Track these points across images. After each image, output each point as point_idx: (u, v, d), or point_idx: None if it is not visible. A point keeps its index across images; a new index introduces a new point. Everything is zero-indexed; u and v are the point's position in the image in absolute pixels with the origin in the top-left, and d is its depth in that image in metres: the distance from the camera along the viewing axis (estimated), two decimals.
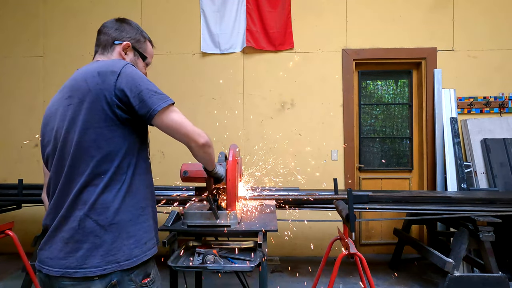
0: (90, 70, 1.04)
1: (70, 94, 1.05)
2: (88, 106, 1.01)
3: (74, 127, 1.01)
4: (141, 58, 1.25)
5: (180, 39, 3.94)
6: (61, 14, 4.01)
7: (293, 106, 3.91)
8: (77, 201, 1.00)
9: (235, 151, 1.69)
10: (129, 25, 1.24)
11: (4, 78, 4.03)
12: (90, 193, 1.00)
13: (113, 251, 0.99)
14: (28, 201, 2.84)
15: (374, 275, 3.25)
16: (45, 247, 1.04)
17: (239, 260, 1.65)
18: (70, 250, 0.98)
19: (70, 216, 1.00)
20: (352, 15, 3.88)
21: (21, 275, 2.88)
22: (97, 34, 1.23)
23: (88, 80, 1.02)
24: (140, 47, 1.25)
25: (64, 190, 1.03)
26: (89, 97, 1.00)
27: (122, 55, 1.20)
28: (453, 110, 3.73)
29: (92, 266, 0.97)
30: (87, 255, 0.97)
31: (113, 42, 1.19)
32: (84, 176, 1.00)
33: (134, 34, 1.23)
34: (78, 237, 0.98)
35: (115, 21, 1.23)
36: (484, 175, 3.56)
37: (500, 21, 3.82)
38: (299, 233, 3.86)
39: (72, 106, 1.03)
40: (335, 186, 2.58)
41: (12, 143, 4.00)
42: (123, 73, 1.02)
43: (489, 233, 2.56)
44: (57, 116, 1.08)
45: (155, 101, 1.02)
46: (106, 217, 1.00)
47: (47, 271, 1.00)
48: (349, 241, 1.99)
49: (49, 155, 1.11)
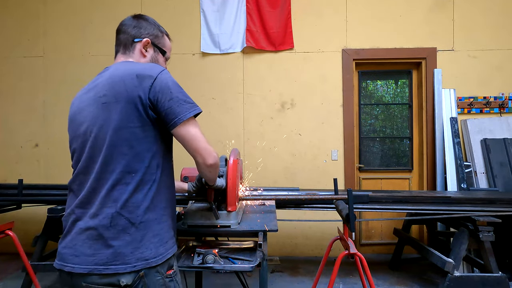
0: (128, 72, 1.07)
1: (106, 93, 1.06)
2: (123, 106, 1.03)
3: (108, 126, 1.03)
4: (161, 53, 1.27)
5: (180, 39, 3.94)
6: (61, 14, 4.01)
7: (293, 106, 3.91)
8: (108, 198, 1.02)
9: (236, 154, 1.70)
10: (146, 21, 1.25)
11: (4, 78, 4.03)
12: (121, 191, 1.02)
13: (141, 249, 1.02)
14: (28, 201, 2.83)
15: (374, 275, 3.25)
16: (70, 245, 1.03)
17: (239, 260, 1.65)
18: (100, 247, 0.99)
19: (100, 214, 1.01)
20: (352, 15, 3.89)
21: (21, 275, 2.88)
22: (116, 33, 1.24)
23: (126, 81, 1.05)
24: (159, 42, 1.27)
25: (94, 188, 1.04)
26: (126, 98, 1.03)
27: (143, 52, 1.22)
28: (453, 110, 3.73)
29: (123, 263, 0.99)
30: (118, 252, 0.99)
31: (133, 40, 1.21)
32: (116, 174, 1.03)
33: (152, 30, 1.25)
34: (109, 234, 1.00)
35: (132, 18, 1.24)
36: (484, 175, 3.56)
37: (500, 21, 3.82)
38: (299, 233, 3.86)
39: (107, 105, 1.05)
40: (335, 186, 2.57)
41: (12, 143, 4.00)
42: (159, 78, 1.06)
43: (489, 233, 2.56)
44: (87, 113, 1.09)
45: (182, 110, 1.06)
46: (137, 215, 1.03)
47: (71, 269, 1.00)
48: (349, 241, 1.99)
49: (75, 150, 1.12)
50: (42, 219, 2.79)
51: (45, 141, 3.99)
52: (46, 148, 3.98)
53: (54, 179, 3.94)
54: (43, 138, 3.99)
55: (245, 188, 2.31)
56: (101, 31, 3.92)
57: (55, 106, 3.98)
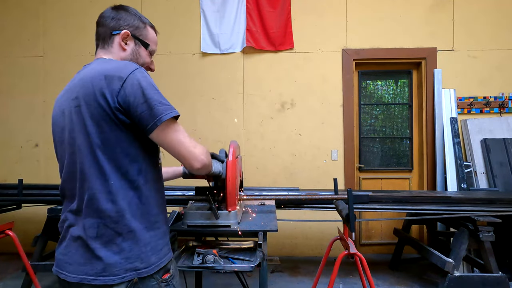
0: (97, 73, 0.99)
1: (77, 95, 1.00)
2: (93, 110, 0.97)
3: (81, 131, 0.98)
4: (143, 46, 1.17)
5: (180, 39, 3.94)
6: (61, 13, 4.01)
7: (293, 106, 3.91)
8: (91, 208, 0.98)
9: (235, 149, 1.68)
10: (126, 12, 1.15)
11: (4, 78, 4.03)
12: (102, 200, 0.97)
13: (131, 259, 0.98)
14: (28, 201, 2.83)
15: (374, 275, 3.25)
16: (64, 252, 1.01)
17: (239, 260, 1.65)
18: (90, 257, 0.96)
19: (86, 224, 0.98)
20: (352, 15, 3.89)
21: (21, 275, 2.88)
22: (96, 26, 1.15)
23: (94, 83, 0.97)
24: (140, 34, 1.16)
25: (80, 196, 1.00)
26: (94, 101, 0.96)
27: (122, 45, 1.12)
28: (453, 110, 3.73)
29: (112, 274, 0.95)
30: (106, 263, 0.95)
31: (111, 33, 1.12)
32: (94, 183, 0.97)
33: (132, 21, 1.14)
34: (96, 245, 0.96)
35: (111, 9, 1.15)
36: (484, 175, 3.56)
37: (500, 21, 3.82)
38: (299, 233, 3.86)
39: (78, 109, 0.99)
40: (335, 186, 2.57)
41: (12, 143, 4.00)
42: (130, 79, 0.97)
43: (489, 233, 2.56)
44: (65, 117, 1.05)
45: (158, 113, 0.97)
46: (123, 225, 0.98)
47: (65, 277, 0.98)
48: (349, 241, 1.99)
49: (60, 156, 1.09)
50: (42, 219, 2.79)
51: (45, 141, 3.98)
52: (46, 148, 3.98)
53: (54, 179, 3.93)
54: (43, 138, 3.99)
55: (244, 187, 2.31)
56: None
57: None
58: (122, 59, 1.12)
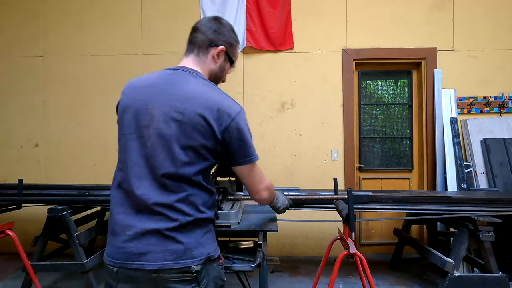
0: (209, 101, 1.07)
1: (182, 111, 1.06)
2: (197, 130, 1.05)
3: (176, 141, 1.05)
4: (230, 62, 1.27)
5: (180, 39, 3.94)
6: (61, 13, 4.01)
7: (293, 106, 3.91)
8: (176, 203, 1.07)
9: None
10: (225, 28, 1.24)
11: (4, 78, 4.03)
12: (187, 195, 1.07)
13: (203, 244, 1.09)
14: (28, 201, 2.83)
15: (374, 275, 3.25)
16: (132, 243, 1.04)
17: (239, 260, 1.65)
18: (170, 243, 1.03)
19: (167, 214, 1.05)
20: (352, 15, 3.88)
21: (21, 275, 2.88)
22: (192, 31, 1.24)
23: (206, 111, 1.06)
24: (231, 52, 1.26)
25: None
26: (201, 126, 1.05)
27: (215, 59, 1.21)
28: (453, 110, 3.73)
29: (191, 257, 1.05)
30: (185, 249, 1.04)
31: (209, 45, 1.20)
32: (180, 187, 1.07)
33: (229, 38, 1.24)
34: (178, 232, 1.04)
35: (212, 20, 1.23)
36: (484, 175, 3.56)
37: (500, 21, 3.82)
38: (299, 233, 3.86)
39: (179, 123, 1.05)
40: (335, 186, 2.57)
41: (12, 143, 4.00)
42: (236, 118, 1.09)
43: (489, 233, 2.56)
44: (156, 115, 1.07)
45: (249, 154, 1.15)
46: (200, 211, 1.09)
47: (141, 266, 1.02)
48: (349, 241, 1.99)
49: (133, 143, 1.11)
50: (42, 219, 2.79)
51: (45, 141, 3.99)
52: (46, 148, 3.98)
53: (54, 179, 3.94)
54: (43, 138, 3.99)
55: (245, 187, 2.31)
56: (101, 31, 3.92)
57: (55, 106, 3.98)
58: (211, 70, 1.22)
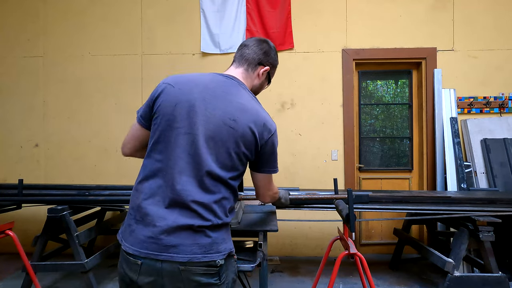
0: (258, 116, 1.20)
1: (235, 119, 1.16)
2: (244, 139, 1.17)
3: (225, 145, 1.15)
4: (268, 82, 1.41)
5: (180, 39, 3.94)
6: (61, 14, 4.01)
7: (293, 106, 3.91)
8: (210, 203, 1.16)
9: None
10: (273, 51, 1.37)
11: (4, 78, 4.03)
12: (218, 196, 1.17)
13: (226, 240, 1.18)
14: (28, 201, 2.83)
15: (374, 275, 3.25)
16: (162, 235, 1.10)
17: (239, 260, 1.65)
18: (199, 237, 1.11)
19: (200, 212, 1.13)
20: (352, 15, 3.89)
21: (21, 275, 2.88)
22: (242, 47, 1.37)
23: (255, 124, 1.18)
24: (272, 73, 1.40)
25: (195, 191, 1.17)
26: (248, 136, 1.17)
27: (260, 76, 1.35)
28: (453, 110, 3.73)
29: (217, 251, 1.13)
30: (213, 243, 1.13)
31: (258, 63, 1.33)
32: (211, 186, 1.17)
33: (274, 61, 1.38)
34: (208, 228, 1.12)
35: (264, 42, 1.35)
36: (484, 175, 3.56)
37: (500, 21, 3.82)
38: (299, 233, 3.86)
39: (233, 130, 1.15)
40: (335, 186, 2.57)
41: (12, 143, 4.00)
42: (273, 135, 1.25)
43: (489, 233, 2.56)
44: (212, 117, 1.16)
45: (273, 166, 1.33)
46: (226, 215, 1.19)
47: (169, 258, 1.08)
48: (349, 241, 1.99)
49: (175, 135, 1.17)
50: (42, 219, 2.79)
51: (45, 141, 3.99)
52: (46, 148, 3.99)
53: (54, 179, 3.94)
54: (43, 138, 3.99)
55: (245, 187, 2.30)
56: (101, 31, 3.93)
57: (55, 106, 3.98)
58: (253, 85, 1.36)
